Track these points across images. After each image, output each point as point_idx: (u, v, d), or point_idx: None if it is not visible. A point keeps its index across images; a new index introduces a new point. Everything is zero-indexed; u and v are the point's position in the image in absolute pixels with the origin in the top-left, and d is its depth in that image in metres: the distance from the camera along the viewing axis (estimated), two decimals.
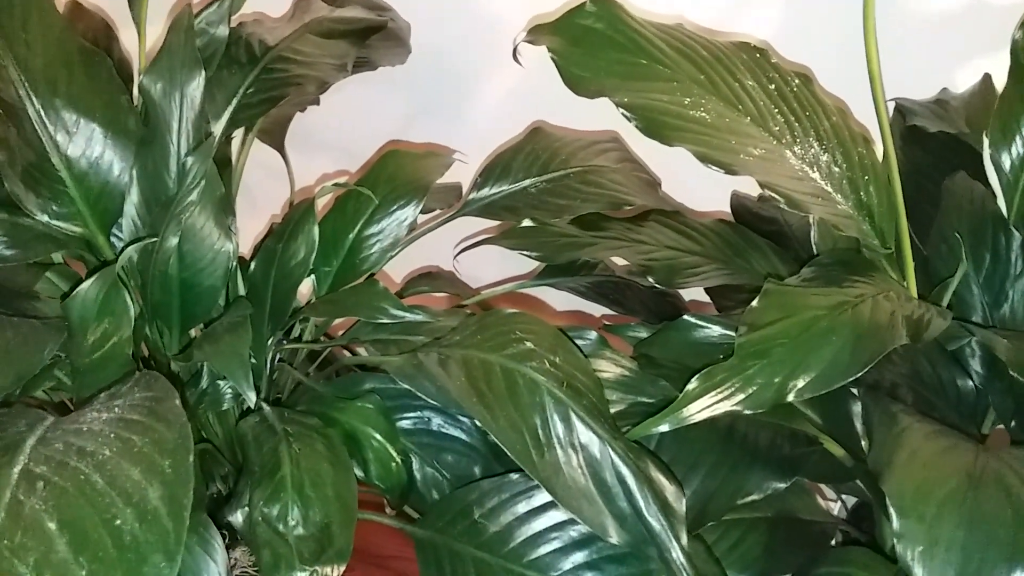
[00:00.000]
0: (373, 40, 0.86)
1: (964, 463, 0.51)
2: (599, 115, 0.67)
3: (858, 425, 0.75)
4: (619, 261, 0.87)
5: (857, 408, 0.74)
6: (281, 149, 0.91)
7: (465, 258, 0.86)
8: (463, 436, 0.63)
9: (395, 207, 0.71)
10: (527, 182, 0.79)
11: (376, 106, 1.12)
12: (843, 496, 0.85)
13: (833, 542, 0.77)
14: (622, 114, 0.60)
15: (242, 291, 0.69)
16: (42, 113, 0.60)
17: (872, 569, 0.68)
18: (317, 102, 0.94)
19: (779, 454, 0.65)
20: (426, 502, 0.60)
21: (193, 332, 0.67)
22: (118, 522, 0.34)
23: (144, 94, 0.61)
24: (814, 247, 0.72)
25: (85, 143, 0.61)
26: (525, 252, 0.74)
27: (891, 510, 0.48)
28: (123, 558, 0.33)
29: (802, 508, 0.75)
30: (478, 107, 1.09)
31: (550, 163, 0.80)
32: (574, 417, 0.50)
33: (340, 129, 1.15)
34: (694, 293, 0.85)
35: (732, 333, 0.63)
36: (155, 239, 0.58)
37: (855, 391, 0.69)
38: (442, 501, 0.58)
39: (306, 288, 0.72)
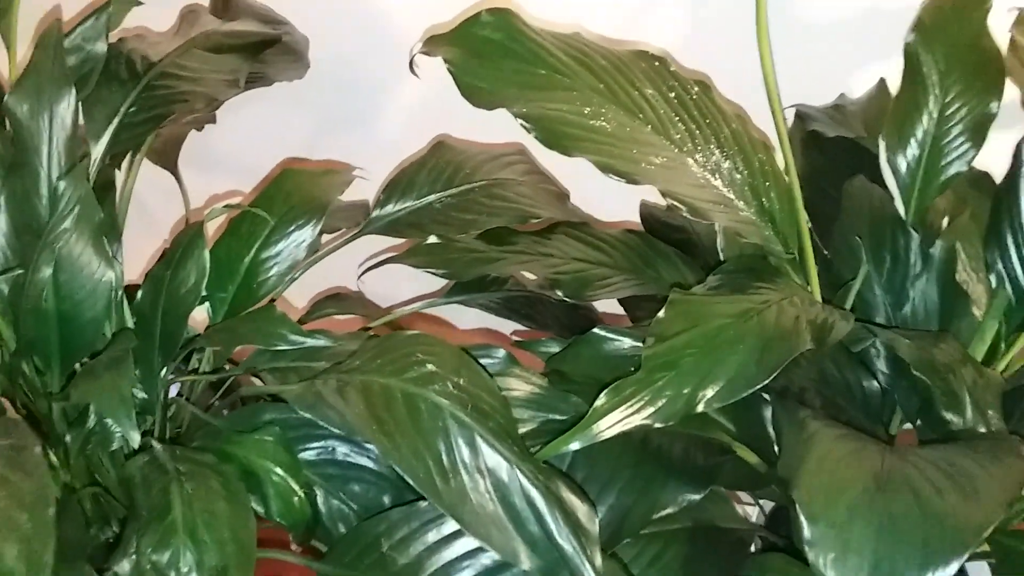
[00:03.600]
0: (268, 55, 0.83)
1: (872, 466, 0.51)
2: (504, 127, 0.66)
3: (770, 430, 0.75)
4: (530, 276, 0.86)
5: (769, 413, 0.74)
6: (174, 169, 0.87)
7: (374, 277, 0.83)
8: (371, 464, 0.60)
9: (293, 228, 0.68)
10: (432, 197, 0.77)
11: (276, 123, 1.09)
12: (760, 501, 0.85)
13: (752, 548, 0.77)
14: (521, 125, 0.59)
15: (130, 322, 0.65)
16: None
17: (790, 574, 0.68)
18: (213, 120, 0.91)
19: (693, 465, 0.64)
20: (332, 536, 0.57)
21: (77, 367, 0.63)
22: None
23: (10, 115, 0.57)
24: (720, 254, 0.72)
25: None
26: (432, 271, 0.72)
27: (801, 518, 0.48)
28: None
29: (720, 516, 0.75)
30: (382, 121, 1.07)
31: (455, 177, 0.78)
32: (480, 440, 0.48)
33: (239, 147, 1.12)
34: (608, 305, 0.84)
35: (642, 344, 0.63)
36: (23, 270, 0.54)
37: (766, 396, 0.69)
38: (349, 534, 0.55)
39: (201, 315, 0.68)
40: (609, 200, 0.90)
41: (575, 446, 0.51)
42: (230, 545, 0.51)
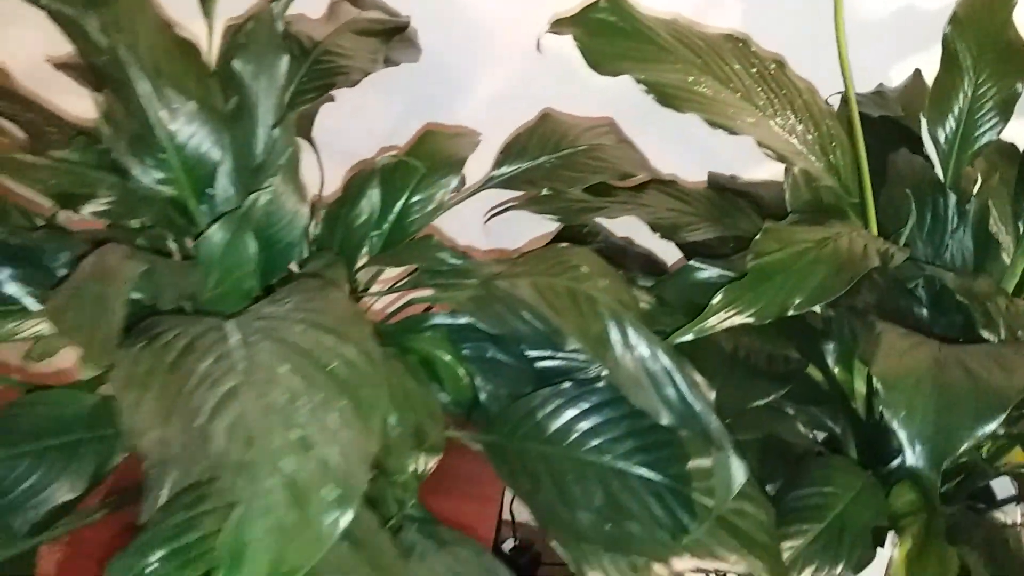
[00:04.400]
0: (394, 40, 0.98)
1: (931, 351, 0.64)
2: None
3: (830, 360, 0.89)
4: (617, 232, 1.00)
5: (828, 346, 0.88)
6: (308, 138, 1.01)
7: (479, 231, 0.97)
8: (514, 362, 0.74)
9: (437, 177, 0.82)
10: (542, 159, 0.91)
11: (371, 109, 1.22)
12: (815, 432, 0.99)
13: None
14: (641, 88, 0.73)
15: (306, 252, 0.79)
16: (149, 92, 0.69)
17: (849, 471, 0.82)
18: (332, 98, 1.04)
19: (775, 371, 0.78)
20: (488, 416, 0.71)
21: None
22: (331, 367, 0.44)
23: (236, 75, 0.71)
24: (788, 205, 0.85)
25: (184, 119, 0.71)
26: (547, 216, 0.86)
27: (878, 386, 0.61)
28: (343, 390, 0.42)
29: (786, 432, 0.89)
30: (461, 109, 1.19)
31: (560, 143, 0.92)
32: (627, 324, 0.62)
33: (337, 131, 1.25)
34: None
35: (728, 273, 0.77)
36: (254, 196, 0.68)
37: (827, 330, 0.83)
38: (507, 410, 0.69)
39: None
40: (679, 172, 1.04)
41: (688, 338, 0.66)
42: (422, 410, 0.64)
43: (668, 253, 0.98)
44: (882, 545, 0.77)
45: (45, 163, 0.64)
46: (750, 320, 0.66)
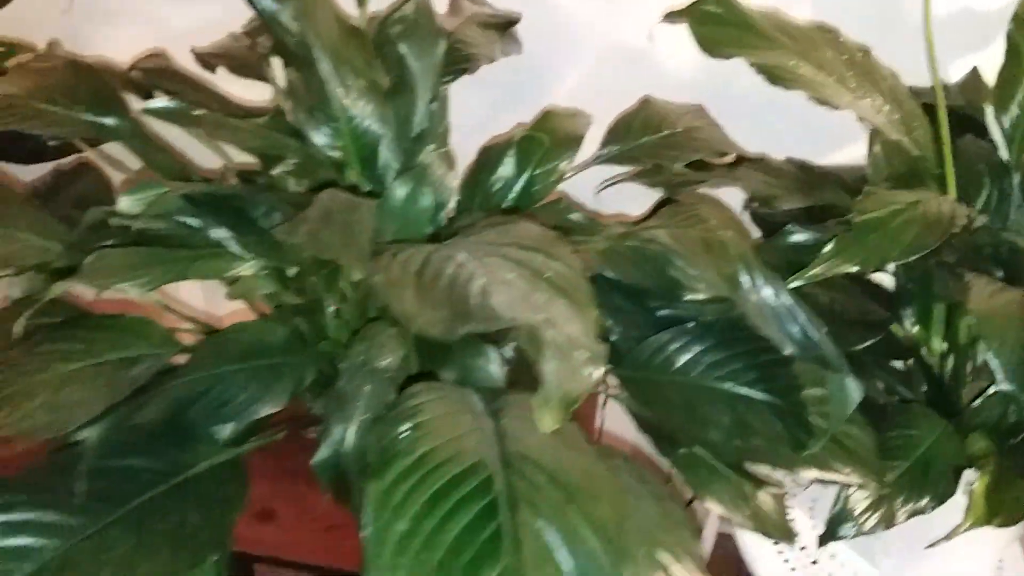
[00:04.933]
0: (505, 33, 1.08)
1: (1015, 295, 0.74)
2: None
3: (907, 323, 0.99)
4: None
5: (906, 311, 0.98)
6: None
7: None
8: (638, 310, 0.84)
9: (558, 151, 0.93)
10: (644, 139, 1.01)
11: (459, 102, 1.32)
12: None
13: None
14: (755, 70, 0.83)
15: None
16: (330, 71, 0.80)
17: (929, 418, 0.91)
18: None
19: (865, 322, 0.88)
20: (620, 354, 0.81)
21: None
22: (547, 276, 0.54)
23: (399, 56, 0.82)
24: (872, 176, 0.95)
25: (356, 95, 0.81)
26: (655, 187, 0.97)
27: (975, 320, 0.71)
28: (561, 292, 0.52)
29: (870, 384, 0.98)
30: (552, 100, 1.28)
31: (661, 125, 1.02)
32: (754, 268, 0.72)
33: None
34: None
35: (813, 236, 0.87)
36: (426, 159, 0.79)
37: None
38: (638, 347, 0.79)
39: None
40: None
41: (795, 284, 0.76)
42: None
43: None
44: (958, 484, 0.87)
45: (249, 127, 0.75)
46: (854, 268, 0.76)
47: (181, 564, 0.61)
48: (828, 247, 0.75)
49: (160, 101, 0.72)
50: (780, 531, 0.83)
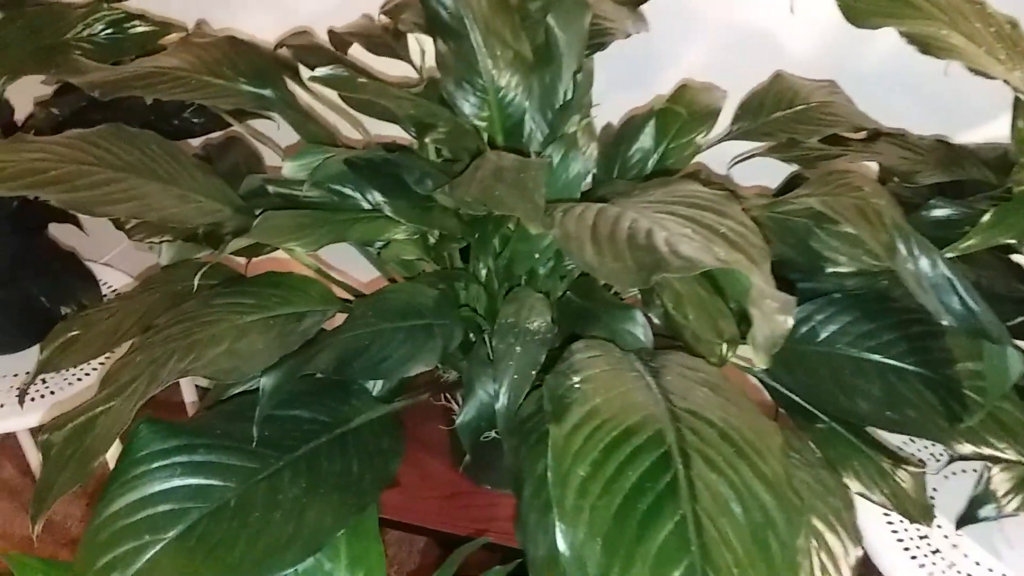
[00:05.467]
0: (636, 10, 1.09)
1: None
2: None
3: None
4: None
5: None
6: None
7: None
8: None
9: (696, 124, 0.93)
10: (777, 114, 1.00)
11: None
12: None
13: None
14: (905, 40, 0.82)
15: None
16: (480, 43, 0.82)
17: None
18: None
19: (1011, 297, 0.85)
20: None
21: None
22: (722, 231, 0.54)
23: (547, 28, 0.84)
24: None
25: (503, 66, 0.83)
26: (789, 162, 0.96)
27: None
28: (737, 247, 0.53)
29: None
30: (665, 80, 1.28)
31: (794, 100, 1.01)
32: (910, 237, 0.71)
33: None
34: None
35: (958, 210, 0.85)
36: (575, 128, 0.80)
37: None
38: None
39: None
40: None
41: (951, 255, 0.74)
42: (715, 311, 0.75)
43: None
44: None
45: (408, 95, 0.78)
46: (1011, 240, 0.74)
47: (348, 508, 0.64)
48: (986, 218, 0.74)
49: (327, 69, 0.75)
50: (919, 511, 0.82)
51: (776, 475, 0.53)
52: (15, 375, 1.29)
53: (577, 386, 0.57)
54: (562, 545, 0.48)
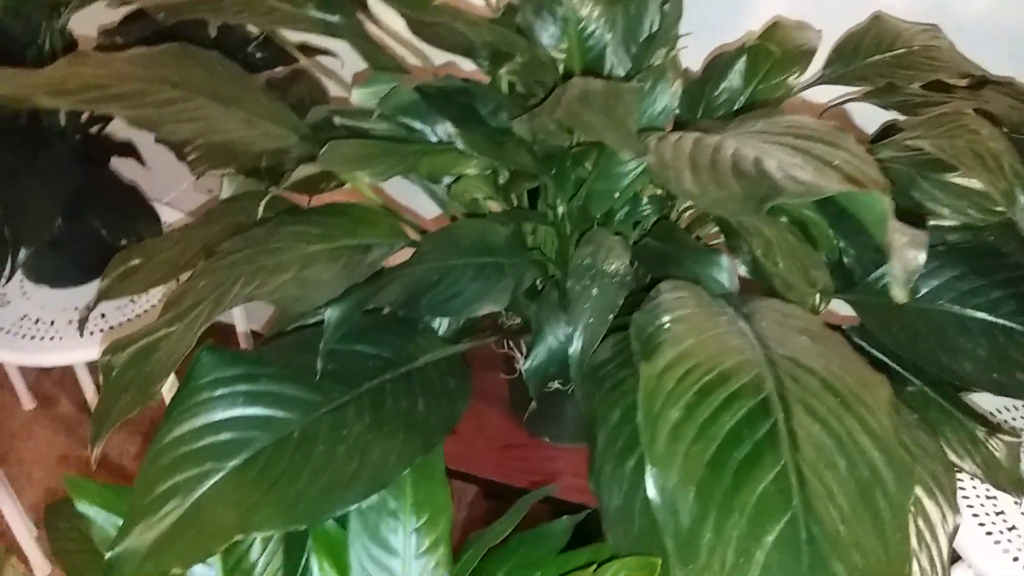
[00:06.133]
0: None
1: None
2: None
3: None
4: None
5: None
6: None
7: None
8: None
9: (788, 64, 0.87)
10: (875, 57, 0.94)
11: None
12: None
13: None
14: None
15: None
16: None
17: None
18: None
19: None
20: (853, 277, 0.75)
21: None
22: (835, 163, 0.49)
23: None
24: None
25: None
26: (888, 108, 0.89)
27: None
28: (851, 180, 0.48)
29: None
30: (745, 30, 1.22)
31: (894, 43, 0.94)
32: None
33: None
34: None
35: None
36: (665, 58, 0.75)
37: None
38: (876, 271, 0.73)
39: None
40: None
41: None
42: (807, 259, 0.70)
43: None
44: None
45: (484, 22, 0.73)
46: None
47: (414, 448, 0.61)
48: None
49: None
50: (1012, 482, 0.76)
51: (884, 430, 0.48)
52: (75, 308, 1.29)
53: (667, 326, 0.52)
54: (652, 491, 0.44)
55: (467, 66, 0.96)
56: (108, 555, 0.53)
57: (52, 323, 1.32)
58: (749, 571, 0.42)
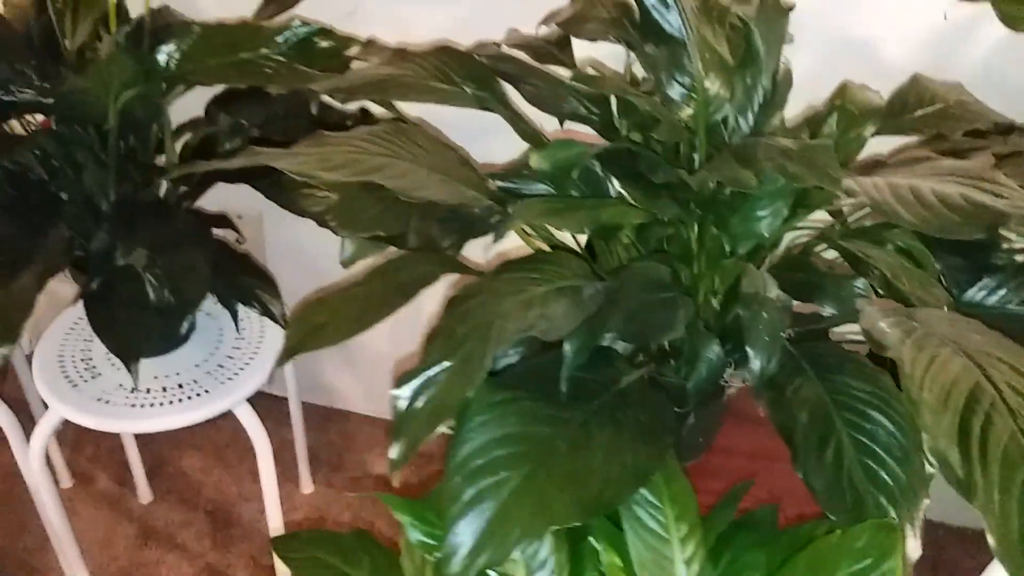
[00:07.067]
0: None
1: None
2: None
3: None
4: None
5: None
6: None
7: None
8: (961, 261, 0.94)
9: (864, 120, 1.03)
10: (919, 112, 1.12)
11: None
12: None
13: None
14: None
15: None
16: (693, 48, 0.92)
17: None
18: None
19: None
20: (951, 295, 0.91)
21: None
22: (1005, 195, 0.65)
23: (749, 32, 0.94)
24: None
25: (710, 67, 0.93)
26: (943, 154, 1.07)
27: None
28: None
29: None
30: None
31: (933, 99, 1.13)
32: None
33: None
34: None
35: None
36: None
37: None
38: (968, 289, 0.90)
39: None
40: None
41: None
42: (916, 281, 0.85)
43: None
44: None
45: (636, 92, 0.87)
46: None
47: (654, 452, 0.72)
48: None
49: (588, 70, 0.84)
50: None
51: None
52: (166, 376, 1.37)
53: (900, 329, 0.66)
54: (928, 451, 0.57)
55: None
56: (437, 554, 0.62)
57: (148, 391, 1.38)
58: (1012, 499, 0.55)
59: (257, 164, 0.75)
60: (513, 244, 0.97)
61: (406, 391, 0.70)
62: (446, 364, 0.71)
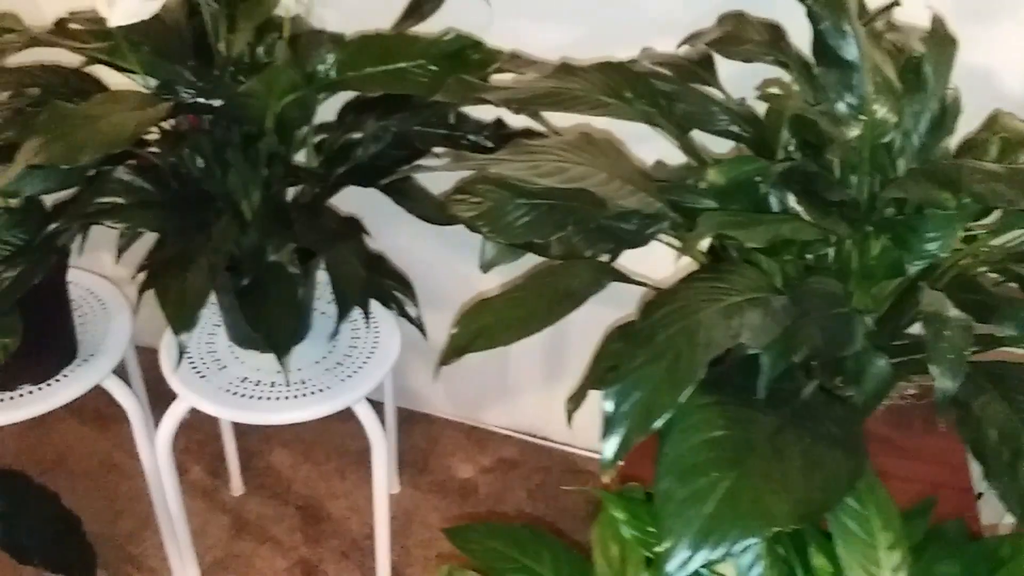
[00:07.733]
0: None
1: None
2: None
3: None
4: None
5: None
6: None
7: None
8: None
9: (1018, 147, 1.05)
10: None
11: None
12: None
13: None
14: None
15: None
16: (864, 73, 0.94)
17: None
18: None
19: None
20: None
21: None
22: None
23: (919, 62, 0.96)
24: None
25: (879, 91, 0.95)
26: None
27: None
28: None
29: None
30: None
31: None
32: None
33: None
34: None
35: None
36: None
37: None
38: None
39: None
40: None
41: None
42: None
43: None
44: None
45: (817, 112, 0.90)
46: None
47: (852, 462, 0.74)
48: None
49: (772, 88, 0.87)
50: None
51: None
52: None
53: None
54: None
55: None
56: (658, 549, 0.65)
57: (272, 384, 1.42)
58: None
59: (466, 168, 0.78)
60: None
61: (611, 393, 0.72)
62: (651, 368, 0.73)
